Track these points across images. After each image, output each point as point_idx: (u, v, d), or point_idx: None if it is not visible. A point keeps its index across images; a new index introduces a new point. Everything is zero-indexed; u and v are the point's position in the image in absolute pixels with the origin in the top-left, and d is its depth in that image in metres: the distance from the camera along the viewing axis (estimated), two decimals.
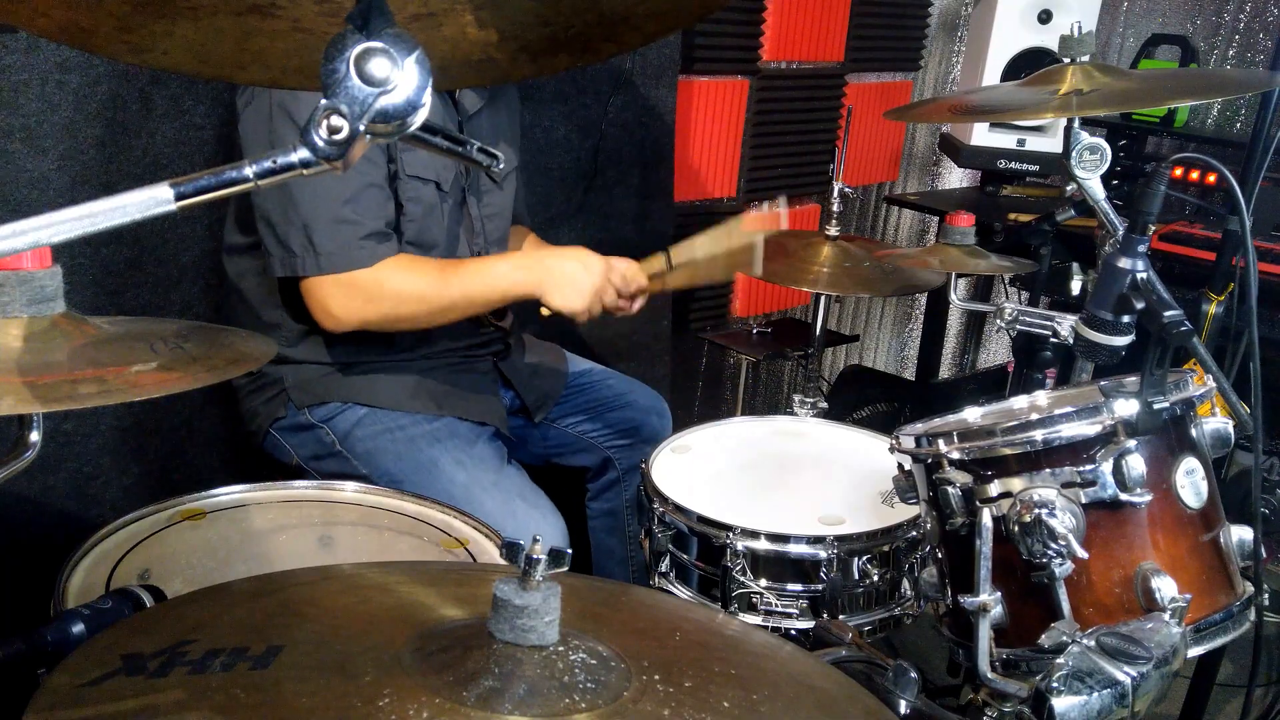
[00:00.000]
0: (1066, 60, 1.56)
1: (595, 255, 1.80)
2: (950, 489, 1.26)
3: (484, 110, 1.88)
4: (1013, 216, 3.05)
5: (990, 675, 1.21)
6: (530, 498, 1.78)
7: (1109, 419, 1.19)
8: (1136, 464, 1.17)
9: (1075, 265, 2.75)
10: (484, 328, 1.95)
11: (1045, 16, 3.06)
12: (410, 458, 1.76)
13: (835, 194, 2.23)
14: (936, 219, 3.50)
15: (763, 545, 1.58)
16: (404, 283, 1.70)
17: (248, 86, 1.70)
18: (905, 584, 1.65)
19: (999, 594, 1.22)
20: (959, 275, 1.86)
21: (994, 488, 1.23)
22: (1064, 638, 1.15)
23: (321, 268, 1.66)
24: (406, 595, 0.91)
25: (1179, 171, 2.89)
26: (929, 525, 1.35)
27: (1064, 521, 1.16)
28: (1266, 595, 1.30)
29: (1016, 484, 1.22)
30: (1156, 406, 1.18)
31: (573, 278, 1.76)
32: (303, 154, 0.67)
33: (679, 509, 1.66)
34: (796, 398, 2.18)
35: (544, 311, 1.82)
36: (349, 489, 1.59)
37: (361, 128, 0.67)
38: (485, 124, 1.90)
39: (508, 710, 0.70)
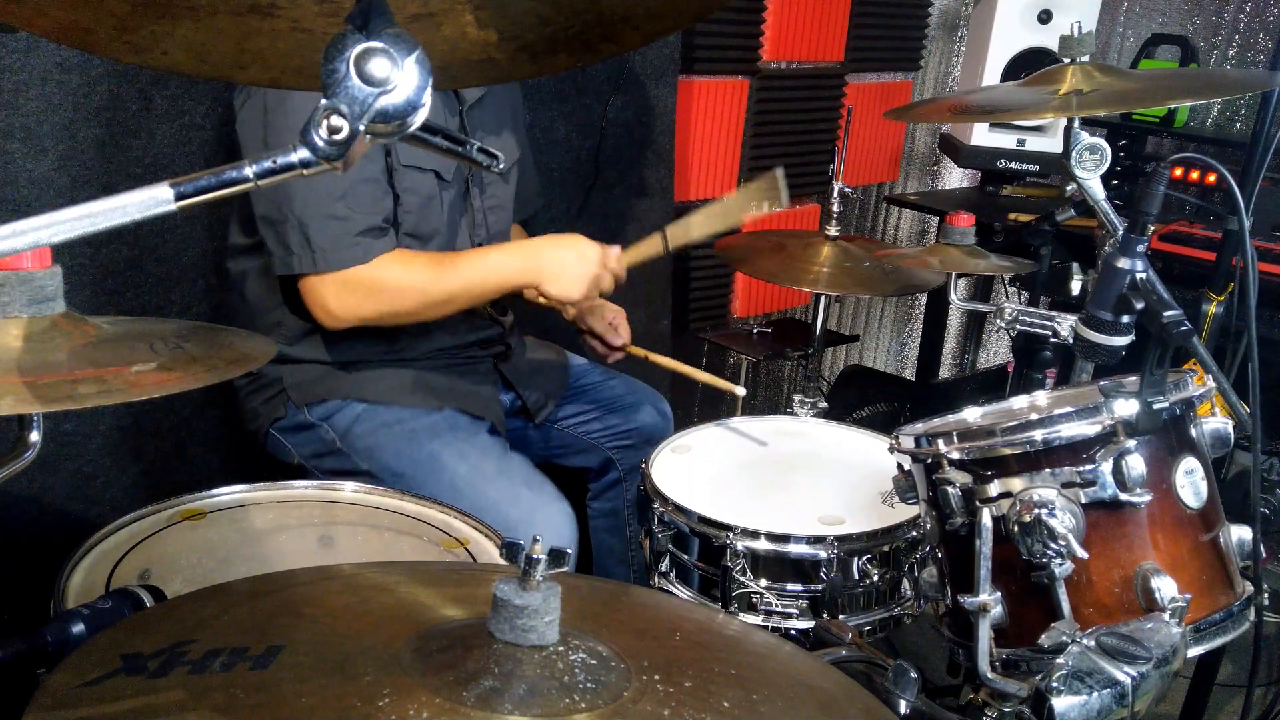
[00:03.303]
0: (1066, 60, 1.56)
1: (590, 242, 1.80)
2: (950, 489, 1.26)
3: (485, 99, 1.88)
4: (1013, 216, 3.05)
5: (990, 675, 1.21)
6: (535, 485, 1.77)
7: (1109, 419, 1.19)
8: (1136, 464, 1.17)
9: (1075, 265, 2.74)
10: (481, 318, 1.95)
11: (1045, 16, 3.06)
12: (410, 452, 1.76)
13: (835, 194, 2.23)
14: (936, 219, 3.50)
15: (763, 545, 1.58)
16: (401, 277, 1.70)
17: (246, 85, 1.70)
18: (905, 584, 1.65)
19: (999, 594, 1.22)
20: (959, 275, 1.85)
21: (994, 488, 1.23)
22: (1064, 638, 1.15)
23: (317, 265, 1.66)
24: (406, 595, 0.91)
25: (1179, 171, 2.89)
26: (929, 525, 1.35)
27: (1064, 521, 1.16)
28: (1266, 595, 1.30)
29: (1016, 484, 1.22)
30: (1156, 406, 1.18)
31: (569, 266, 1.76)
32: (303, 154, 0.67)
33: (679, 509, 1.66)
34: (796, 398, 2.18)
35: (541, 300, 1.83)
36: (349, 489, 1.59)
37: (361, 128, 0.67)
38: (487, 114, 1.90)
39: (508, 710, 0.70)
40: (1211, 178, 2.89)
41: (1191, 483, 1.22)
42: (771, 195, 1.96)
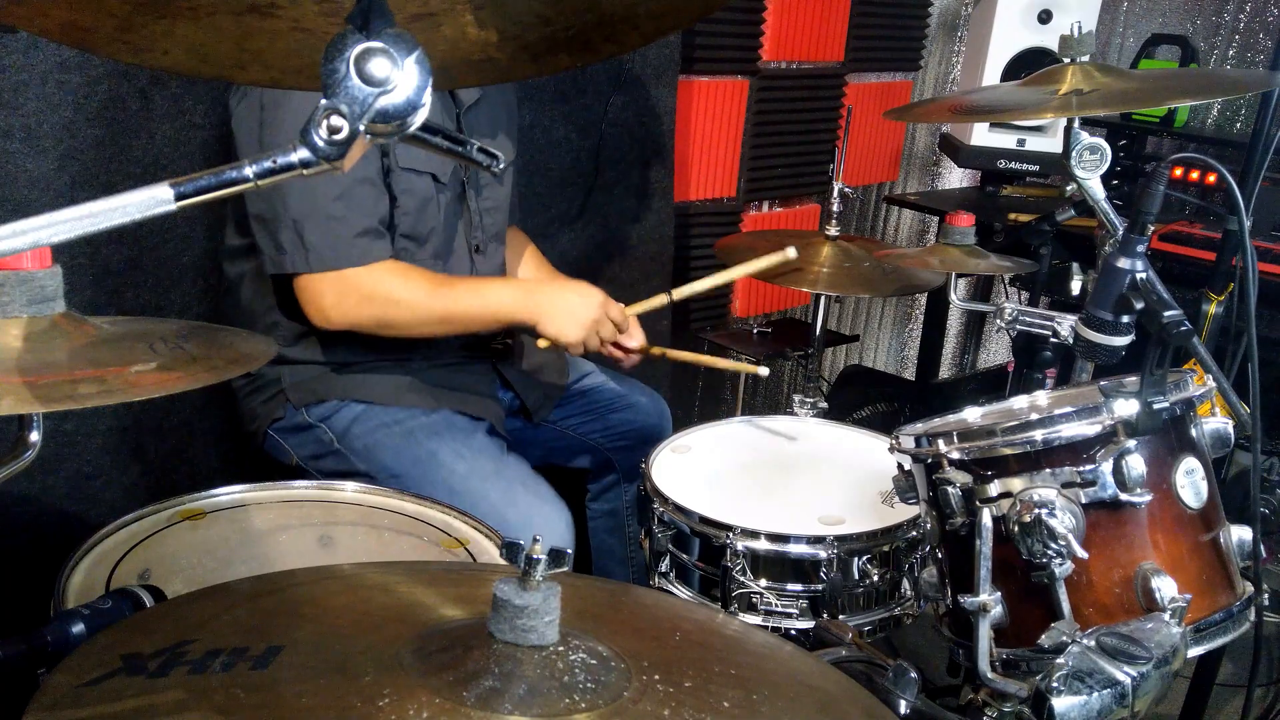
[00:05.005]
0: (1066, 60, 1.56)
1: (594, 290, 1.83)
2: (950, 489, 1.26)
3: (481, 102, 1.88)
4: (1013, 216, 3.05)
5: (990, 675, 1.21)
6: (532, 486, 1.77)
7: (1109, 419, 1.19)
8: (1136, 464, 1.17)
9: (1075, 265, 2.75)
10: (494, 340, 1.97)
11: (1045, 16, 3.06)
12: (409, 452, 1.76)
13: (835, 194, 2.23)
14: (936, 219, 3.50)
15: (763, 545, 1.58)
16: (399, 289, 1.70)
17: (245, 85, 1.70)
18: (905, 584, 1.65)
19: (999, 594, 1.22)
20: (959, 275, 1.86)
21: (994, 488, 1.23)
22: (1064, 638, 1.15)
23: (311, 265, 1.65)
24: (406, 595, 0.91)
25: (1179, 171, 2.89)
26: (929, 525, 1.35)
27: (1064, 521, 1.16)
28: (1266, 595, 1.30)
29: (1016, 484, 1.22)
30: (1156, 407, 1.18)
31: (569, 310, 1.78)
32: (302, 154, 0.67)
33: (679, 509, 1.66)
34: (796, 398, 2.18)
35: (541, 343, 1.85)
36: (349, 489, 1.59)
37: (361, 128, 0.67)
38: (483, 116, 1.90)
39: (508, 710, 0.70)
40: (1211, 178, 2.89)
41: (1192, 483, 1.22)
42: (780, 258, 2.03)
